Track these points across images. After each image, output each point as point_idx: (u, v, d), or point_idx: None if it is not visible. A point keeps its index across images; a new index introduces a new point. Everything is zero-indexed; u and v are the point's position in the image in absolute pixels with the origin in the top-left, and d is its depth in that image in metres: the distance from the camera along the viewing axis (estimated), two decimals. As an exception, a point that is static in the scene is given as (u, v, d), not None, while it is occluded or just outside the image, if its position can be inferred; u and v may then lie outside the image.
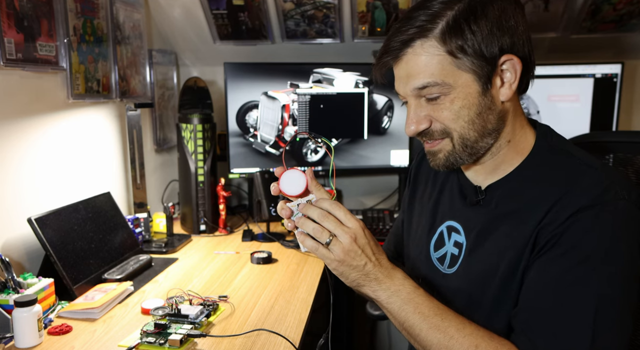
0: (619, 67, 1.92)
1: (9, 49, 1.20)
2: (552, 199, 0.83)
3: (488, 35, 0.82)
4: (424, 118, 0.87)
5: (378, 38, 2.05)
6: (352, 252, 0.83)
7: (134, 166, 1.78)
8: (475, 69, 0.83)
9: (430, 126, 0.88)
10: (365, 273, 0.85)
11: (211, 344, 1.05)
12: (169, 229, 1.76)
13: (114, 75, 1.66)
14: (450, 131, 0.87)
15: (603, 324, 0.77)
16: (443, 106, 0.85)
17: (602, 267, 0.79)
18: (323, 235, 0.83)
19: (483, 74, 0.83)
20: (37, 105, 1.38)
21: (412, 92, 0.86)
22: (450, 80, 0.83)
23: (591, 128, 1.96)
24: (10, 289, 1.12)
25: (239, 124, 2.01)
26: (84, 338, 1.08)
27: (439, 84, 0.83)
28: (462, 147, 0.87)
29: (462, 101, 0.84)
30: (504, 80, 0.86)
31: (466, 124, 0.86)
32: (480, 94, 0.85)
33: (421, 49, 0.83)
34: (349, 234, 0.82)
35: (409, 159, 2.10)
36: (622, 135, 1.31)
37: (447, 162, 0.90)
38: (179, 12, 2.01)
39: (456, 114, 0.85)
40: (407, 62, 0.85)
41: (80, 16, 1.49)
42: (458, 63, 0.83)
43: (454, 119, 0.86)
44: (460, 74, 0.83)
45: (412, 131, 0.88)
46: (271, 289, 1.36)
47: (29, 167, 1.35)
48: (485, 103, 0.85)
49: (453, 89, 0.84)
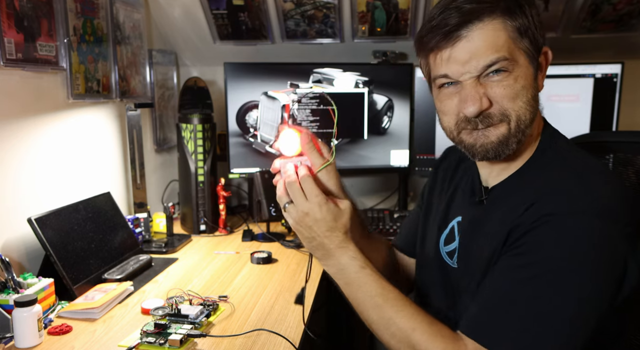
0: (619, 67, 1.92)
1: (9, 49, 1.20)
2: (531, 201, 0.83)
3: (538, 23, 0.84)
4: (484, 96, 0.84)
5: (378, 38, 2.05)
6: (302, 224, 0.90)
7: (134, 166, 1.78)
8: (530, 52, 0.84)
9: (490, 107, 0.85)
10: (314, 246, 0.92)
11: (211, 344, 1.05)
12: (169, 229, 1.76)
13: (114, 75, 1.66)
14: (509, 113, 0.84)
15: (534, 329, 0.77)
16: (505, 83, 0.83)
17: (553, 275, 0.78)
18: (282, 199, 0.92)
19: (534, 59, 0.85)
20: (37, 105, 1.38)
21: (477, 70, 0.83)
22: (516, 57, 0.83)
23: (591, 128, 1.96)
24: (10, 289, 1.12)
25: (239, 124, 2.01)
26: (84, 338, 1.08)
27: (508, 59, 0.82)
28: (516, 130, 0.85)
29: (524, 81, 0.84)
30: (541, 70, 0.88)
31: (524, 104, 0.84)
32: (534, 78, 0.86)
33: (491, 24, 0.81)
34: (302, 207, 0.89)
35: (409, 159, 2.10)
36: (622, 135, 1.31)
37: (499, 148, 0.87)
38: (179, 12, 2.01)
39: (517, 93, 0.83)
40: (471, 40, 0.82)
41: (80, 16, 1.49)
42: (519, 43, 0.83)
43: (513, 99, 0.83)
44: (520, 54, 0.84)
45: (471, 111, 0.84)
46: (271, 289, 1.36)
47: (29, 167, 1.35)
48: (536, 88, 0.87)
49: (518, 66, 0.83)
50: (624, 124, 1.97)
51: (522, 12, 0.82)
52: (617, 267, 0.80)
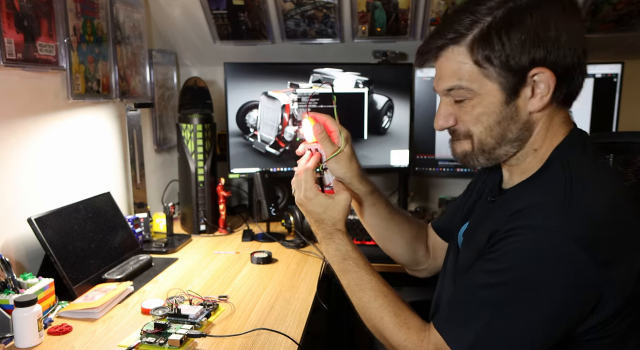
0: (619, 67, 1.92)
1: (9, 49, 1.20)
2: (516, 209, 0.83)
3: (517, 47, 0.81)
4: (449, 116, 0.92)
5: (378, 38, 2.05)
6: (302, 209, 1.05)
7: (134, 166, 1.78)
8: (501, 79, 0.84)
9: (455, 125, 0.92)
10: (313, 230, 1.06)
11: (211, 344, 1.05)
12: (169, 229, 1.76)
13: (114, 75, 1.66)
14: (472, 134, 0.90)
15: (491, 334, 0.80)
16: (466, 109, 0.89)
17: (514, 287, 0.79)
18: (293, 185, 1.06)
19: (508, 85, 0.84)
20: (37, 105, 1.38)
21: (442, 91, 0.91)
22: (475, 86, 0.86)
23: (591, 128, 1.96)
24: (10, 289, 1.12)
25: (239, 124, 2.01)
26: (84, 338, 1.08)
27: (463, 88, 0.87)
28: (479, 150, 0.91)
29: (483, 108, 0.87)
30: (536, 91, 0.85)
31: (485, 129, 0.88)
32: (503, 103, 0.86)
33: (452, 54, 0.87)
34: (298, 196, 1.04)
35: (409, 159, 2.10)
36: (622, 136, 1.31)
37: (464, 160, 0.94)
38: (179, 12, 2.01)
39: (476, 118, 0.88)
40: (440, 65, 0.90)
41: (80, 16, 1.49)
42: (484, 72, 0.84)
43: (474, 123, 0.89)
44: (485, 82, 0.85)
45: (438, 126, 0.94)
46: (271, 289, 1.36)
47: (28, 167, 1.35)
48: (507, 113, 0.86)
49: (477, 95, 0.86)
50: (624, 124, 1.97)
51: (489, 44, 0.82)
52: (585, 294, 0.78)
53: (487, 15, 0.83)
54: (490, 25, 0.82)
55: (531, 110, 0.86)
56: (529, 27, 0.81)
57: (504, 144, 0.89)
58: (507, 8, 0.82)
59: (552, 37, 0.81)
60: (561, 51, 0.82)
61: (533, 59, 0.82)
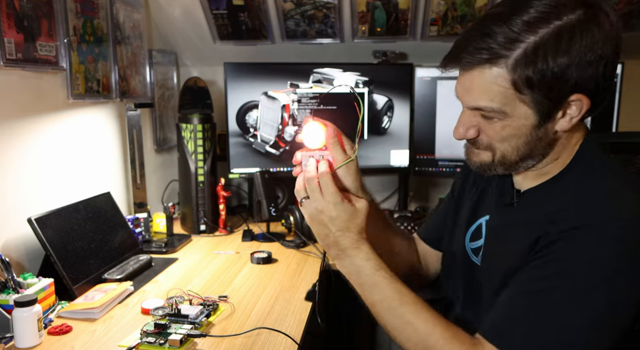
0: (619, 67, 1.92)
1: (9, 49, 1.20)
2: (561, 211, 0.83)
3: (563, 73, 0.76)
4: (472, 127, 0.87)
5: (378, 38, 2.05)
6: (317, 221, 0.90)
7: (134, 166, 1.78)
8: (538, 106, 0.80)
9: (477, 137, 0.88)
10: (328, 244, 0.91)
11: (211, 344, 1.05)
12: (169, 229, 1.76)
13: (114, 75, 1.66)
14: (494, 148, 0.87)
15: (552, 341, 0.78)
16: (493, 127, 0.85)
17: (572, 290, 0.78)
18: (300, 192, 0.93)
19: (544, 110, 0.81)
20: (37, 105, 1.38)
21: (469, 106, 0.86)
22: (508, 109, 0.81)
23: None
24: (10, 289, 1.12)
25: (239, 124, 2.01)
26: (84, 338, 1.08)
27: (495, 110, 0.82)
28: (499, 163, 0.88)
29: (513, 130, 0.83)
30: (567, 112, 0.82)
31: (511, 148, 0.86)
32: (535, 127, 0.83)
33: (487, 74, 0.80)
34: (317, 204, 0.90)
35: (409, 159, 2.10)
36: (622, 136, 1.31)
37: (480, 169, 0.92)
38: (179, 12, 2.01)
39: (503, 138, 0.85)
40: (471, 79, 0.82)
41: (80, 16, 1.49)
42: (521, 97, 0.79)
43: (500, 141, 0.86)
44: (520, 106, 0.81)
45: (459, 135, 0.89)
46: (271, 289, 1.36)
47: (28, 167, 1.35)
48: (537, 135, 0.84)
49: (508, 117, 0.82)
50: (624, 124, 1.97)
51: (533, 66, 0.76)
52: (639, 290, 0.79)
53: (529, 33, 0.75)
54: (537, 47, 0.75)
55: (558, 130, 0.85)
56: (577, 52, 0.75)
57: (527, 159, 0.88)
58: (556, 27, 0.75)
59: (595, 63, 0.77)
60: (600, 77, 0.79)
61: (575, 85, 0.78)
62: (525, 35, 0.76)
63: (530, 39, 0.76)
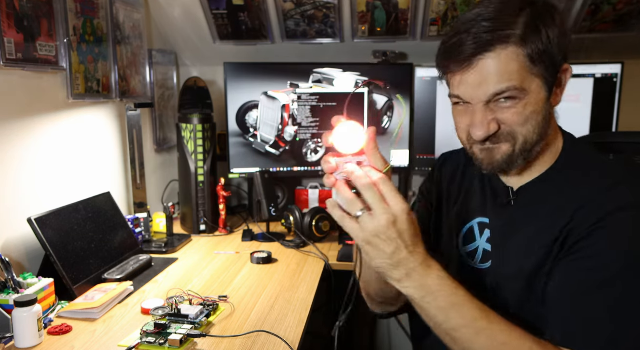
0: (619, 67, 1.92)
1: (9, 49, 1.20)
2: (579, 201, 0.84)
3: (558, 41, 0.82)
4: (491, 121, 0.85)
5: (378, 38, 2.05)
6: (384, 235, 0.74)
7: (134, 166, 1.78)
8: (546, 75, 0.83)
9: (499, 130, 0.86)
10: (395, 263, 0.77)
11: (211, 344, 1.05)
12: (169, 229, 1.76)
13: (114, 75, 1.66)
14: (517, 135, 0.86)
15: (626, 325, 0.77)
16: (515, 111, 0.84)
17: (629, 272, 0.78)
18: (355, 206, 0.75)
19: (550, 81, 0.84)
20: (37, 105, 1.38)
21: (487, 96, 0.84)
22: (527, 85, 0.82)
23: (591, 128, 1.96)
24: (10, 289, 1.12)
25: (239, 124, 2.01)
26: (84, 338, 1.08)
27: (518, 88, 0.82)
28: (522, 150, 0.87)
29: (534, 106, 0.84)
30: (560, 85, 0.87)
31: (532, 128, 0.85)
32: (546, 100, 0.85)
33: (505, 54, 0.81)
34: (388, 213, 0.74)
35: (409, 159, 2.10)
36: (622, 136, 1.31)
37: (503, 165, 0.89)
38: (179, 12, 2.01)
39: (526, 118, 0.84)
40: (482, 68, 0.82)
41: (80, 16, 1.49)
42: (533, 68, 0.82)
43: (523, 123, 0.85)
44: (533, 80, 0.83)
45: (484, 133, 0.85)
46: (271, 289, 1.36)
47: (29, 167, 1.35)
48: (548, 109, 0.86)
49: (527, 94, 0.83)
50: (624, 124, 1.97)
51: (538, 38, 0.80)
52: None
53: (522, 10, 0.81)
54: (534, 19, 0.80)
55: (554, 105, 0.88)
56: (560, 22, 0.82)
57: (542, 139, 0.88)
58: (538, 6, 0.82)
59: (569, 34, 0.84)
60: (569, 48, 0.85)
61: (564, 55, 0.83)
62: (520, 12, 0.81)
63: (526, 13, 0.81)
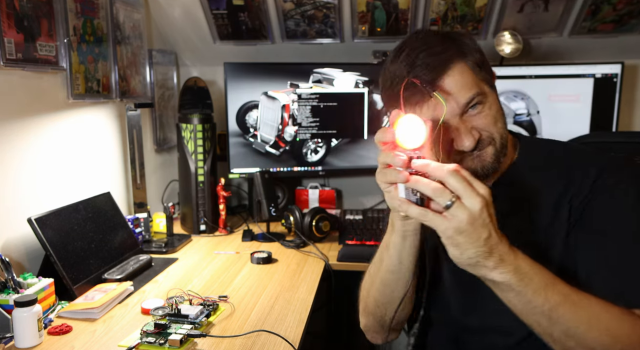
0: (619, 67, 1.92)
1: (9, 49, 1.20)
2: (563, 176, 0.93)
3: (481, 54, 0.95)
4: (472, 130, 0.91)
5: (378, 38, 2.05)
6: (479, 221, 0.71)
7: (134, 166, 1.78)
8: (488, 79, 0.94)
9: (481, 136, 0.92)
10: (489, 249, 0.73)
11: (211, 344, 1.05)
12: (169, 229, 1.76)
13: (114, 75, 1.66)
14: (494, 135, 0.93)
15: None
16: (484, 113, 0.92)
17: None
18: (444, 195, 0.71)
19: (492, 84, 0.96)
20: (37, 105, 1.38)
21: (460, 109, 0.90)
22: (484, 89, 0.92)
23: (591, 128, 1.96)
24: (10, 289, 1.12)
25: (239, 124, 2.01)
26: (84, 338, 1.08)
27: (481, 93, 0.91)
28: (502, 146, 0.94)
29: (495, 105, 0.94)
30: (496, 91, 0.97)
31: (502, 124, 0.94)
32: (498, 99, 0.96)
33: (457, 69, 0.90)
34: (480, 196, 0.71)
35: (409, 159, 2.10)
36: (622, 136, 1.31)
37: (495, 164, 0.94)
38: (179, 12, 2.01)
39: (495, 117, 0.93)
40: (446, 87, 0.89)
41: (80, 16, 1.49)
42: (480, 75, 0.93)
43: (494, 123, 0.93)
44: (484, 84, 0.93)
45: (471, 142, 0.89)
46: (271, 289, 1.36)
47: (29, 167, 1.35)
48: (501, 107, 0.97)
49: (487, 96, 0.93)
50: (623, 124, 1.97)
51: (473, 50, 0.92)
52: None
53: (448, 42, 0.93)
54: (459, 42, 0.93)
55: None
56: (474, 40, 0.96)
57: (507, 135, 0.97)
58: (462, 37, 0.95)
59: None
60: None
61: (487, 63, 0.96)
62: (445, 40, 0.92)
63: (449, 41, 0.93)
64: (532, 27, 1.98)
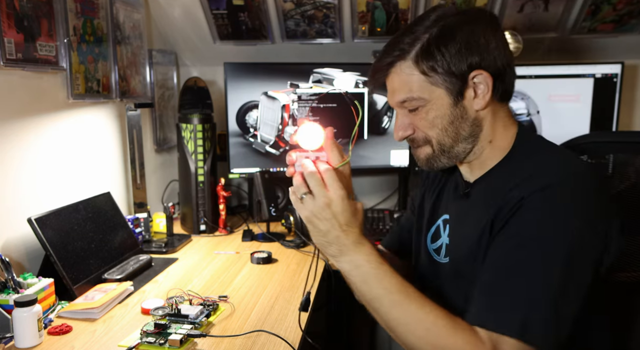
0: (619, 67, 1.92)
1: (9, 49, 1.20)
2: (511, 186, 0.92)
3: (456, 55, 0.93)
4: (408, 126, 1.00)
5: (378, 38, 2.05)
6: (320, 216, 0.89)
7: (134, 166, 1.78)
8: (447, 85, 0.94)
9: (414, 133, 1.00)
10: (329, 240, 0.91)
11: (211, 344, 1.05)
12: (169, 229, 1.76)
13: (114, 75, 1.66)
14: (430, 138, 0.99)
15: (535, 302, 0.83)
16: (421, 116, 0.98)
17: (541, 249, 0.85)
18: (300, 188, 0.91)
19: (454, 89, 0.95)
20: (37, 105, 1.38)
21: (396, 104, 1.00)
22: (426, 94, 0.95)
23: (591, 128, 1.96)
24: (10, 289, 1.12)
25: (239, 124, 2.01)
26: (84, 338, 1.08)
27: (415, 98, 0.96)
28: (440, 151, 0.99)
29: (436, 112, 0.96)
30: (478, 92, 0.95)
31: (440, 131, 0.97)
32: (452, 105, 0.96)
33: (400, 69, 0.96)
34: (325, 197, 0.88)
35: (409, 159, 2.10)
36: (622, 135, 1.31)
37: (428, 164, 1.02)
38: (179, 12, 2.01)
39: (431, 122, 0.97)
40: (391, 80, 0.99)
41: (80, 16, 1.49)
42: (431, 80, 0.94)
43: (430, 127, 0.98)
44: (433, 89, 0.95)
45: (398, 136, 1.01)
46: (271, 289, 1.36)
47: (29, 167, 1.35)
48: (457, 113, 0.96)
49: (428, 102, 0.96)
50: (623, 124, 1.97)
51: (431, 55, 0.93)
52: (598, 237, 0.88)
53: (425, 33, 0.94)
54: (429, 41, 0.93)
55: (477, 109, 0.97)
56: (462, 39, 0.93)
57: (460, 141, 0.98)
58: (440, 26, 0.93)
59: (482, 44, 0.93)
60: (491, 55, 0.94)
61: (470, 64, 0.93)
62: (422, 36, 0.94)
63: (424, 37, 0.94)
64: (532, 27, 1.98)
